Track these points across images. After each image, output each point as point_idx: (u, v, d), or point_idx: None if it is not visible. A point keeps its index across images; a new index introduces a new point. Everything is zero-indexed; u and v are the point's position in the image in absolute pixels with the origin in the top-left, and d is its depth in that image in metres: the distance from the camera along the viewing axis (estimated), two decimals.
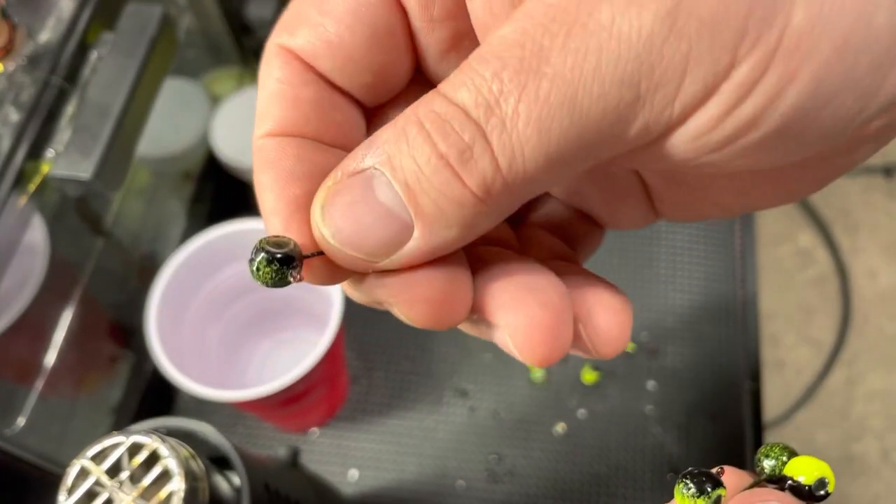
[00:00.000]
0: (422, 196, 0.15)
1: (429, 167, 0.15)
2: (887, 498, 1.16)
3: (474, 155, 0.14)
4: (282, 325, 0.62)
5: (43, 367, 0.50)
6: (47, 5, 0.43)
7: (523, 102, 0.14)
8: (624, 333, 0.19)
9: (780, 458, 0.17)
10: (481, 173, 0.15)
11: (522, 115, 0.14)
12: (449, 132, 0.15)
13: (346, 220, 0.16)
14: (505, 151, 0.14)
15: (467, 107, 0.14)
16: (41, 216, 0.47)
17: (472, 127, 0.14)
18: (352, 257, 0.16)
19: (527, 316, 0.17)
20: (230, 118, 0.62)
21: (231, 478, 0.33)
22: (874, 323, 1.29)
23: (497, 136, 0.14)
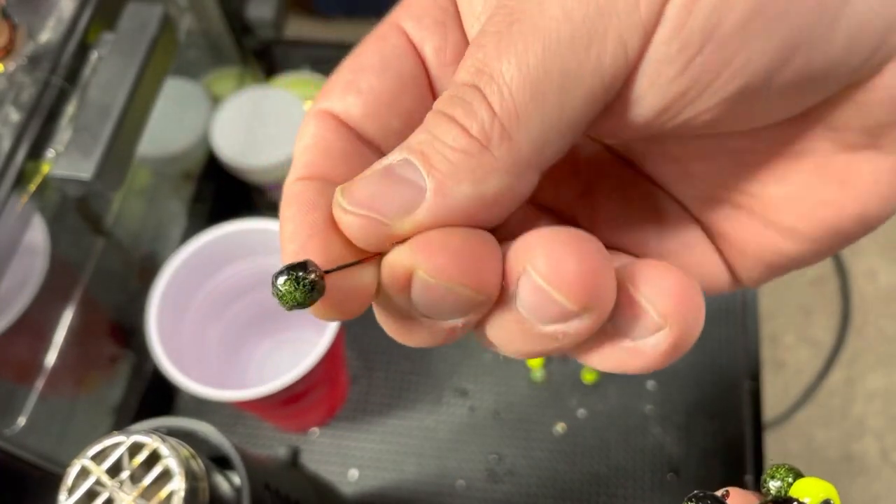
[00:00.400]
0: (433, 154, 0.16)
1: (439, 129, 0.16)
2: (887, 498, 1.16)
3: (473, 107, 0.16)
4: (282, 325, 0.62)
5: (43, 367, 0.50)
6: (48, 5, 0.43)
7: (500, 49, 0.16)
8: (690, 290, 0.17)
9: (786, 479, 0.17)
10: (480, 119, 0.16)
11: (504, 60, 0.15)
12: (455, 100, 0.16)
13: (363, 189, 0.16)
14: (494, 94, 0.16)
15: (465, 79, 0.16)
16: (41, 216, 0.47)
17: (471, 89, 0.16)
18: (368, 220, 0.16)
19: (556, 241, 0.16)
20: (230, 118, 0.62)
21: (231, 477, 0.33)
22: (874, 323, 1.29)
23: (487, 84, 0.16)
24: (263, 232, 0.52)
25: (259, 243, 0.53)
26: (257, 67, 0.71)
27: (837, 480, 1.16)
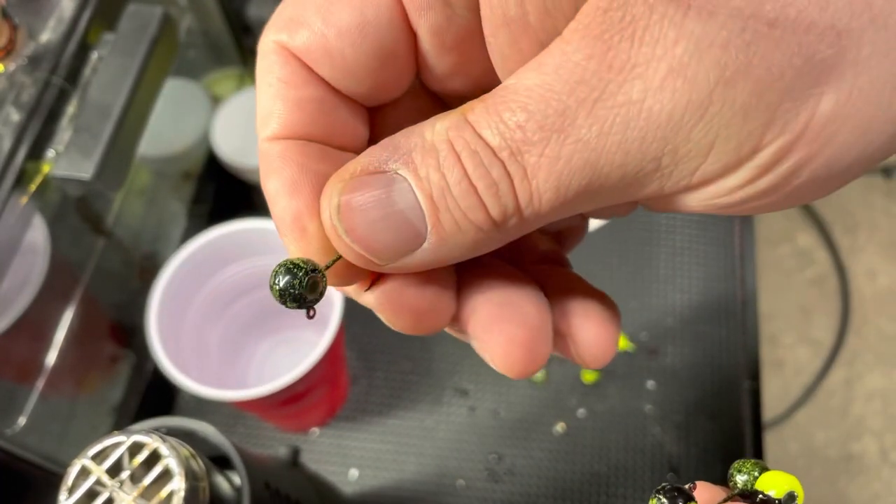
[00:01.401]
0: (444, 213, 0.16)
1: (458, 188, 0.15)
2: (886, 497, 1.16)
3: (500, 191, 0.15)
4: (282, 325, 0.62)
5: (44, 367, 0.50)
6: (48, 6, 0.43)
7: (546, 158, 0.15)
8: (609, 347, 0.20)
9: (752, 473, 0.18)
10: (503, 207, 0.16)
11: (543, 170, 0.15)
12: (478, 164, 0.15)
13: (361, 220, 0.16)
14: (524, 195, 0.15)
15: (493, 146, 0.15)
16: (42, 216, 0.47)
17: (499, 166, 0.15)
18: (361, 257, 0.17)
19: (503, 334, 0.18)
20: (231, 118, 0.62)
21: (231, 477, 0.33)
22: (873, 323, 1.29)
23: (519, 181, 0.15)
24: (263, 232, 0.52)
25: (259, 243, 0.53)
26: None
27: (837, 480, 1.16)
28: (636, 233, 0.68)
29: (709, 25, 0.13)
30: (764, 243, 1.34)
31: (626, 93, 0.14)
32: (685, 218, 0.68)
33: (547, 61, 0.15)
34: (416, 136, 0.16)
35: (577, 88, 0.14)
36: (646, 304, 0.65)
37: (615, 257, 0.67)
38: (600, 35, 0.14)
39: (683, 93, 0.14)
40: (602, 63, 0.14)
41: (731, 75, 0.13)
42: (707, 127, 0.14)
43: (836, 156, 0.14)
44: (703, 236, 0.67)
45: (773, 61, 0.13)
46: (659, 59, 0.14)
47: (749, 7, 0.13)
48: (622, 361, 0.62)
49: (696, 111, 0.14)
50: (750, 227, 0.68)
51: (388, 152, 0.16)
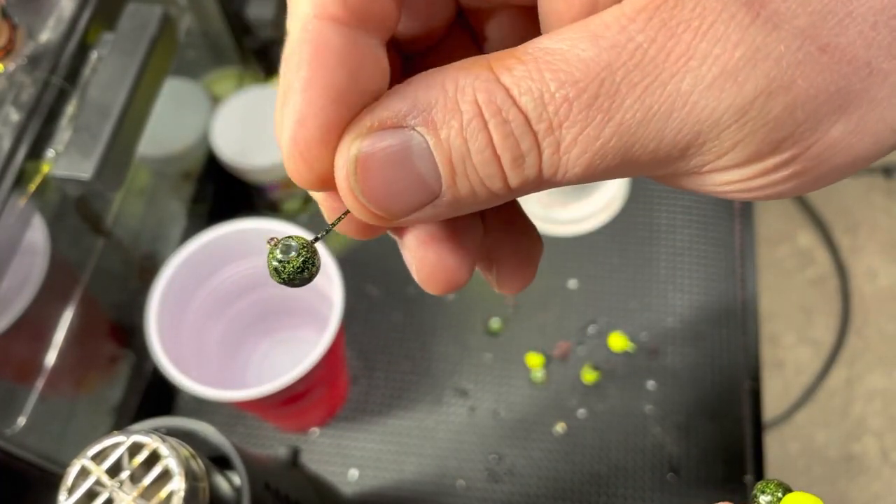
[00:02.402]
0: (462, 178, 0.16)
1: (480, 157, 0.15)
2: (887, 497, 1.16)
3: (525, 163, 0.15)
4: (282, 325, 0.62)
5: (43, 367, 0.50)
6: (48, 5, 0.43)
7: (584, 137, 0.15)
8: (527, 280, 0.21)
9: (776, 494, 0.18)
10: (524, 178, 0.16)
11: (578, 147, 0.15)
12: (508, 134, 0.15)
13: (378, 182, 0.16)
14: (550, 167, 0.15)
15: (530, 116, 0.15)
16: (41, 216, 0.47)
17: (531, 138, 0.15)
18: (375, 216, 0.16)
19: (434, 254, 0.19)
20: (230, 118, 0.62)
21: (231, 477, 0.33)
22: (874, 323, 1.29)
23: (549, 154, 0.15)
24: (263, 232, 0.52)
25: (259, 243, 0.53)
26: (257, 67, 0.71)
27: (837, 480, 1.16)
28: (636, 233, 0.68)
29: (770, 37, 0.14)
30: (764, 243, 1.34)
31: (676, 83, 0.14)
32: (685, 218, 0.68)
33: (605, 34, 0.15)
34: (438, 90, 0.15)
35: (633, 72, 0.14)
36: (646, 304, 0.65)
37: (615, 257, 0.67)
38: (667, 21, 0.14)
39: (730, 95, 0.14)
40: (662, 50, 0.14)
41: (775, 88, 0.14)
42: (738, 129, 0.15)
43: (826, 174, 0.16)
44: (703, 236, 0.67)
45: (813, 83, 0.14)
46: (716, 58, 0.14)
47: (809, 29, 0.14)
48: (622, 361, 0.62)
49: (735, 114, 0.14)
50: (750, 227, 0.68)
51: (407, 105, 0.15)
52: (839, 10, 0.14)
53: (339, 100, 0.15)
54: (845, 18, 0.14)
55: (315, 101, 0.15)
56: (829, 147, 0.15)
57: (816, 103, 0.14)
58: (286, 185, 0.64)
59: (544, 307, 0.65)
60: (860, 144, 0.15)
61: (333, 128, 0.16)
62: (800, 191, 0.16)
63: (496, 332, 0.64)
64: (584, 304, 0.65)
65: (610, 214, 0.68)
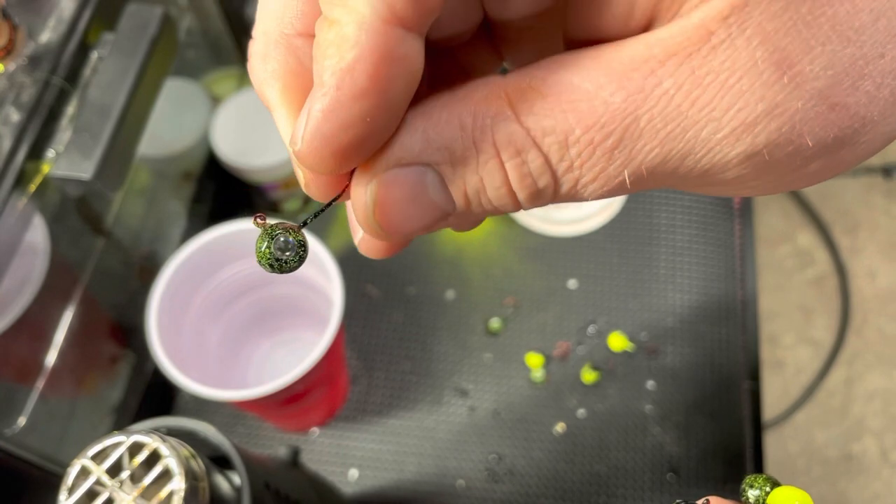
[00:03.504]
0: (476, 206, 0.16)
1: (495, 193, 0.16)
2: (886, 497, 1.16)
3: (541, 197, 0.16)
4: (282, 325, 0.62)
5: (44, 367, 0.50)
6: (48, 6, 0.43)
7: (603, 176, 0.16)
8: None
9: (764, 488, 0.18)
10: (536, 204, 0.16)
11: (597, 183, 0.16)
12: (526, 175, 0.16)
13: (395, 214, 0.16)
14: (565, 196, 0.16)
15: (551, 158, 0.15)
16: (42, 216, 0.47)
17: (549, 176, 0.16)
18: (387, 235, 0.17)
19: None
20: (231, 118, 0.62)
21: (231, 477, 0.33)
22: (873, 323, 1.29)
23: (566, 189, 0.16)
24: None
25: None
26: None
27: (837, 480, 1.16)
28: (636, 233, 0.68)
29: (791, 95, 0.15)
30: (764, 243, 1.34)
31: (696, 131, 0.15)
32: (685, 218, 0.68)
33: (633, 77, 0.15)
34: (455, 127, 0.15)
35: (657, 118, 0.15)
36: (646, 304, 0.65)
37: (615, 257, 0.67)
38: (696, 69, 0.15)
39: (743, 144, 0.15)
40: (688, 98, 0.15)
41: (784, 140, 0.15)
42: (742, 169, 0.16)
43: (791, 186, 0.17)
44: (703, 236, 0.67)
45: (817, 137, 0.15)
46: (738, 111, 0.15)
47: (826, 90, 0.15)
48: (622, 361, 0.62)
49: (744, 160, 0.15)
50: (750, 227, 0.68)
51: (422, 142, 0.15)
52: (855, 73, 0.15)
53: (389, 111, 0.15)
54: (858, 80, 0.15)
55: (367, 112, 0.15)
56: (805, 176, 0.16)
57: (813, 151, 0.15)
58: (286, 185, 0.64)
59: (544, 307, 0.65)
60: (829, 174, 0.16)
61: (375, 135, 0.15)
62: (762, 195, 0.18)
63: (496, 332, 0.64)
64: (583, 304, 0.65)
65: (610, 214, 0.68)
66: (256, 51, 0.17)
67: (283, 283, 0.57)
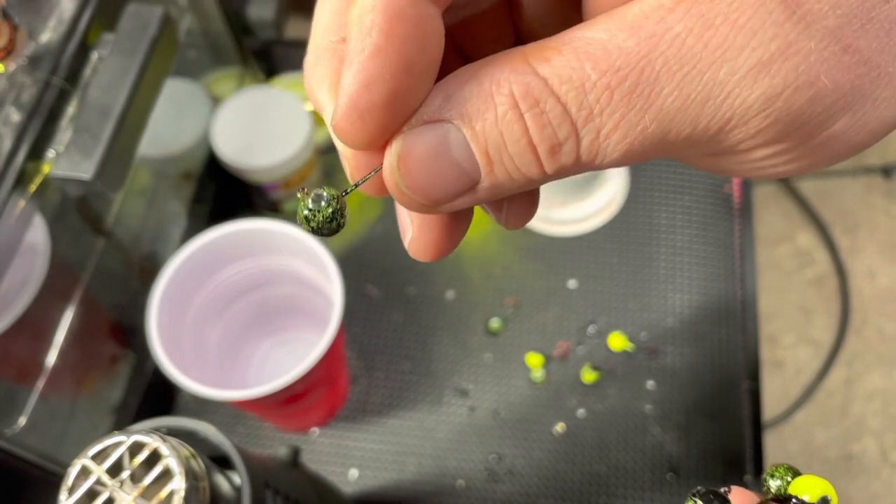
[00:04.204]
0: (499, 166, 0.16)
1: (516, 147, 0.16)
2: (886, 497, 1.16)
3: (562, 150, 0.16)
4: (282, 325, 0.62)
5: (44, 367, 0.50)
6: (48, 6, 0.43)
7: (624, 123, 0.16)
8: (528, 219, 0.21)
9: (785, 478, 0.18)
10: (561, 165, 0.16)
11: (617, 134, 0.16)
12: (545, 125, 0.16)
13: (419, 172, 0.16)
14: (589, 154, 0.16)
15: (569, 106, 0.15)
16: (42, 216, 0.47)
17: (569, 126, 0.16)
18: (418, 204, 0.17)
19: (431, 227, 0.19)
20: (231, 119, 0.62)
21: (232, 477, 0.33)
22: (873, 323, 1.29)
23: (588, 141, 0.16)
24: (263, 232, 0.52)
25: (259, 243, 0.53)
26: (257, 68, 0.71)
27: (837, 480, 1.16)
28: (636, 233, 0.68)
29: (802, 34, 0.15)
30: (764, 243, 1.34)
31: (713, 73, 0.15)
32: (685, 218, 0.68)
33: (644, 24, 0.15)
34: (473, 84, 0.16)
35: (671, 61, 0.15)
36: (646, 304, 0.65)
37: (615, 257, 0.67)
38: (705, 13, 0.15)
39: (762, 86, 0.15)
40: (700, 40, 0.15)
41: (802, 83, 0.15)
42: (766, 116, 0.16)
43: (822, 160, 0.17)
44: (703, 236, 0.67)
45: (834, 80, 0.15)
46: (752, 50, 0.15)
47: (837, 30, 0.15)
48: (622, 361, 0.62)
49: (766, 103, 0.15)
50: (750, 227, 0.68)
51: (441, 99, 0.16)
52: (862, 16, 0.15)
53: (409, 70, 0.16)
54: (867, 23, 0.15)
55: (385, 69, 0.15)
56: (831, 138, 0.16)
57: (833, 99, 0.15)
58: (286, 185, 0.64)
59: (544, 307, 0.65)
60: (857, 137, 0.16)
61: (399, 96, 0.16)
62: (793, 173, 0.17)
63: (496, 332, 0.64)
64: (583, 304, 0.65)
65: (609, 214, 0.68)
66: (308, 61, 0.18)
67: (283, 283, 0.57)
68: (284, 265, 0.55)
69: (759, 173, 0.18)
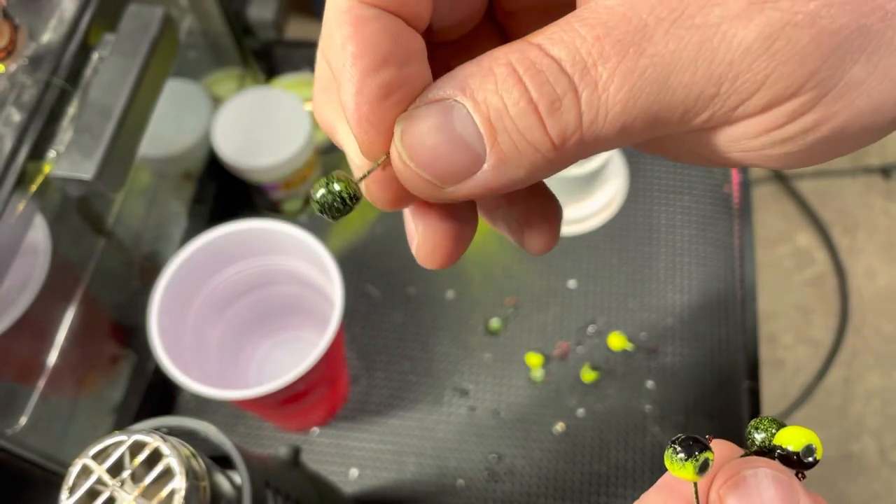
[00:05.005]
0: (502, 134, 0.16)
1: (516, 109, 0.16)
2: (885, 497, 1.16)
3: (562, 107, 0.16)
4: (282, 325, 0.62)
5: (45, 367, 0.50)
6: (49, 6, 0.43)
7: (620, 71, 0.15)
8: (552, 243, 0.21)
9: (770, 430, 0.18)
10: (564, 125, 0.16)
11: (616, 82, 0.15)
12: (543, 82, 0.16)
13: (423, 145, 0.16)
14: (591, 110, 0.16)
15: (563, 62, 0.16)
16: (43, 216, 0.47)
17: (566, 81, 0.16)
18: (423, 180, 0.17)
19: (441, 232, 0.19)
20: (231, 119, 0.62)
21: (232, 476, 0.33)
22: (872, 323, 1.29)
23: (588, 95, 0.16)
24: (264, 232, 0.52)
25: (259, 243, 0.53)
26: (258, 68, 0.71)
27: (836, 480, 1.16)
28: (635, 233, 0.68)
29: None
30: (763, 243, 1.34)
31: (704, 16, 0.15)
32: (684, 218, 0.68)
33: None
34: (473, 65, 0.16)
35: (658, 8, 0.15)
36: (645, 304, 0.65)
37: (615, 257, 0.67)
38: None
39: (758, 25, 0.15)
40: None
41: (801, 20, 0.15)
42: (769, 60, 0.15)
43: (849, 120, 0.16)
44: (702, 236, 0.68)
45: (835, 17, 0.15)
46: None
47: None
48: (622, 361, 0.62)
49: (765, 43, 0.15)
50: (749, 227, 0.68)
51: (444, 81, 0.17)
52: None
53: (389, 59, 0.16)
54: None
55: (367, 67, 0.16)
56: (850, 89, 0.15)
57: (839, 38, 0.15)
58: (287, 185, 0.64)
59: (544, 307, 0.65)
60: (881, 86, 0.15)
61: (390, 86, 0.16)
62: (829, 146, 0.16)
63: (496, 332, 0.64)
64: (583, 304, 0.65)
65: (609, 214, 0.69)
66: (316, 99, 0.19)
67: (283, 283, 0.57)
68: (285, 265, 0.55)
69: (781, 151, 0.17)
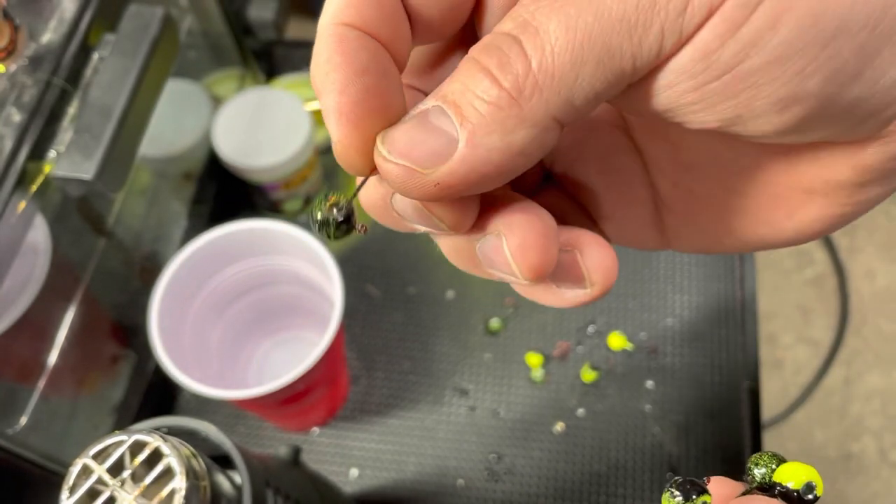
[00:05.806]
0: (465, 106, 0.17)
1: (472, 80, 0.17)
2: (885, 497, 1.16)
3: (510, 59, 0.16)
4: (282, 325, 0.62)
5: (45, 367, 0.50)
6: (49, 6, 0.43)
7: (555, 11, 0.16)
8: (615, 269, 0.22)
9: (770, 465, 0.18)
10: (514, 74, 0.16)
11: (554, 20, 0.16)
12: (493, 51, 0.16)
13: (401, 139, 0.17)
14: (536, 52, 0.16)
15: (507, 28, 0.17)
16: (43, 216, 0.47)
17: (510, 40, 0.16)
18: (403, 169, 0.17)
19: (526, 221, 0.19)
20: (232, 119, 0.62)
21: (232, 476, 0.33)
22: (872, 323, 1.29)
23: (530, 39, 0.16)
24: (264, 232, 0.52)
25: (260, 243, 0.53)
26: (258, 68, 0.71)
27: (836, 480, 1.16)
28: None
29: None
30: None
31: None
32: None
33: None
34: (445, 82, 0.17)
35: None
36: (645, 303, 0.65)
37: None
38: None
39: None
40: None
41: None
42: None
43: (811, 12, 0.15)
44: None
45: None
46: None
47: None
48: (622, 361, 0.63)
49: None
50: None
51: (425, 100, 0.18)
52: None
53: (369, 70, 0.17)
54: None
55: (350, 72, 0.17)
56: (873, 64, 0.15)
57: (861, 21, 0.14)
58: (287, 185, 0.64)
59: (544, 307, 0.65)
60: None
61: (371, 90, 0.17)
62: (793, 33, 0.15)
63: (496, 332, 0.64)
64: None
65: None
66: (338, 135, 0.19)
67: (283, 283, 0.57)
68: (285, 265, 0.55)
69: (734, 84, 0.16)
